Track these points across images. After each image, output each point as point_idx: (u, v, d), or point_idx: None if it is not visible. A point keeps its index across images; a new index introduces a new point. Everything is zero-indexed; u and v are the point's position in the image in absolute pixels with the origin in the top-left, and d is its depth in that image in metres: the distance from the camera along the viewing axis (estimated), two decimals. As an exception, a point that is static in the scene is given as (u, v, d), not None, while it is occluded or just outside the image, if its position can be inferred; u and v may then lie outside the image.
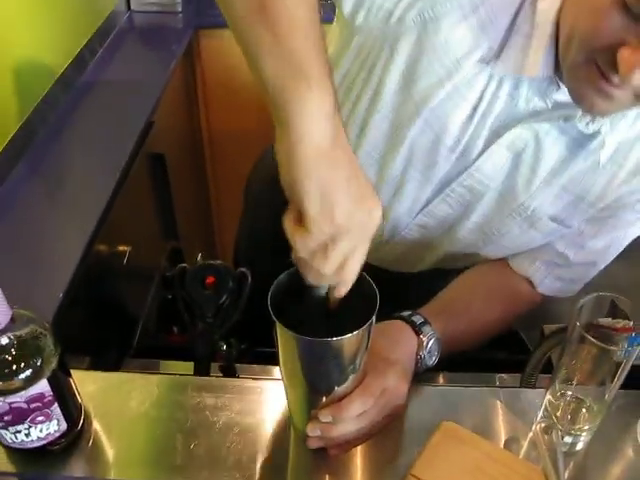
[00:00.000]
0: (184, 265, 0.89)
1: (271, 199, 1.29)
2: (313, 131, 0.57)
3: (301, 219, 0.59)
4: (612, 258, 0.99)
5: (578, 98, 0.77)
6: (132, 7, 1.93)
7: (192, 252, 1.99)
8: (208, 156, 2.21)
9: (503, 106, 0.84)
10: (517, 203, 0.92)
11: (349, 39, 0.88)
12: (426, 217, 0.99)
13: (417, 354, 0.86)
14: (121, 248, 1.32)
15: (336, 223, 0.58)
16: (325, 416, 0.73)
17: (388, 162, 0.92)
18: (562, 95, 0.81)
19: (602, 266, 1.00)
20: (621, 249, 0.98)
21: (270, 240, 1.34)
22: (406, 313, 0.90)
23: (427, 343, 0.86)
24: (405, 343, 0.86)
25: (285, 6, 0.56)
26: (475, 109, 0.84)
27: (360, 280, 0.68)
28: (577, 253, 0.97)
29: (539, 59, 0.78)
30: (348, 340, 0.65)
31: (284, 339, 0.67)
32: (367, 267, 0.66)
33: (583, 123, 0.82)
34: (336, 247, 0.60)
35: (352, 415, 0.74)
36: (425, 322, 0.88)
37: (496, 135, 0.86)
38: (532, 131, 0.85)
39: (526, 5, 0.78)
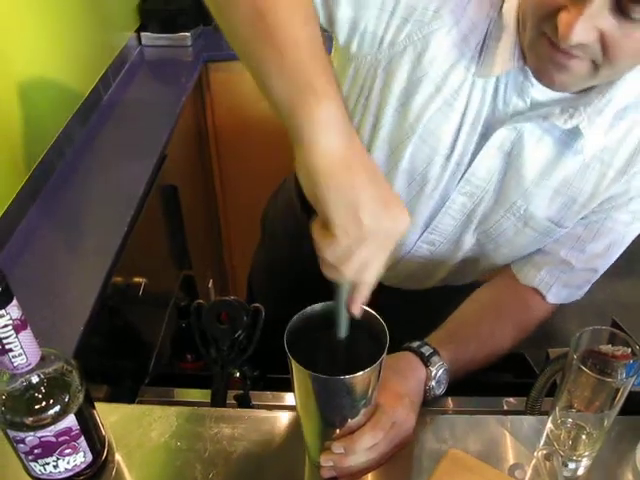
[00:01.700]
0: (200, 301, 0.93)
1: (287, 231, 1.34)
2: (326, 141, 0.60)
3: (327, 225, 0.62)
4: (613, 259, 1.01)
5: (539, 74, 0.81)
6: (143, 42, 1.99)
7: (204, 279, 2.04)
8: (218, 186, 2.26)
9: (487, 110, 0.88)
10: (510, 203, 0.95)
11: (346, 67, 0.93)
12: (432, 234, 1.02)
13: (426, 385, 0.90)
14: (137, 280, 1.36)
15: (362, 226, 0.61)
16: (337, 448, 0.77)
17: (390, 182, 0.95)
18: (539, 93, 0.85)
19: (605, 268, 1.01)
20: (621, 250, 1.00)
21: (286, 271, 1.39)
22: (415, 344, 0.93)
23: (436, 374, 0.90)
24: (414, 376, 0.89)
25: (289, 27, 0.61)
26: (463, 116, 0.88)
27: (370, 318, 0.72)
28: (579, 258, 0.99)
29: (508, 55, 0.82)
30: (360, 377, 0.69)
31: (299, 376, 0.71)
32: (377, 286, 0.69)
33: (561, 120, 0.85)
34: (361, 250, 0.62)
35: (363, 447, 0.77)
36: (434, 352, 0.91)
37: (485, 138, 0.89)
38: (516, 132, 0.88)
39: (497, 11, 0.84)
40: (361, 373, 0.68)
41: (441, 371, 0.90)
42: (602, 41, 0.71)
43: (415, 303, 1.17)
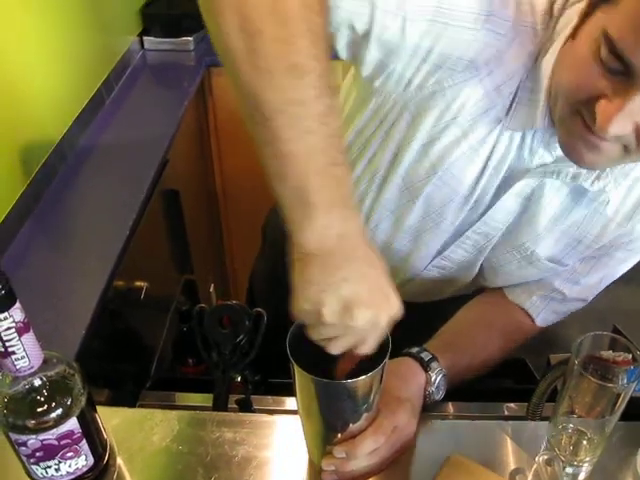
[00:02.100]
0: (202, 305, 0.93)
1: (288, 239, 1.34)
2: (308, 243, 0.62)
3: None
4: (600, 290, 1.03)
5: (568, 150, 0.79)
6: (145, 46, 1.99)
7: (205, 284, 2.04)
8: (220, 190, 2.26)
9: (512, 157, 0.87)
10: (519, 243, 0.96)
11: (366, 99, 0.91)
12: (444, 261, 1.03)
13: (425, 390, 0.90)
14: (138, 284, 1.36)
15: (321, 321, 0.63)
16: (339, 452, 0.77)
17: (404, 214, 0.96)
18: None
19: (591, 298, 1.04)
20: (618, 275, 1.02)
21: (286, 279, 1.39)
22: (415, 349, 0.94)
23: (435, 379, 0.91)
24: (415, 381, 0.90)
25: (290, 140, 0.60)
26: (487, 163, 0.88)
27: None
28: (572, 289, 1.01)
29: (539, 113, 0.81)
30: (362, 382, 0.69)
31: (301, 380, 0.71)
32: None
33: (589, 182, 0.85)
34: (345, 339, 0.66)
35: (364, 452, 0.78)
36: (433, 358, 0.92)
37: (506, 184, 0.89)
38: (539, 180, 0.88)
39: (533, 61, 0.82)
40: (363, 377, 0.68)
41: (440, 377, 0.91)
42: (637, 131, 0.70)
43: (411, 311, 1.18)
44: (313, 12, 0.61)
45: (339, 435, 0.77)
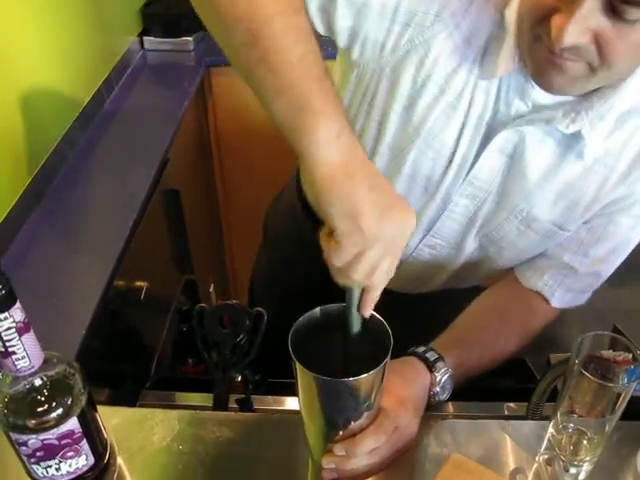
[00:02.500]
0: (202, 305, 0.93)
1: (289, 234, 1.35)
2: (326, 156, 0.63)
3: (332, 233, 0.65)
4: (618, 264, 1.01)
5: (537, 78, 0.80)
6: (145, 46, 1.99)
7: (206, 283, 2.04)
8: (220, 190, 2.26)
9: (490, 112, 0.88)
10: (512, 205, 0.95)
11: (348, 73, 0.93)
12: (434, 237, 1.03)
13: (430, 390, 0.90)
14: (139, 283, 1.36)
15: (365, 234, 0.63)
16: (339, 450, 0.77)
17: (394, 185, 0.96)
18: (541, 96, 0.85)
19: (609, 272, 1.02)
20: (625, 254, 1.00)
21: (287, 274, 1.40)
22: (420, 349, 0.93)
23: (440, 380, 0.90)
24: (418, 381, 0.89)
25: (283, 50, 0.62)
26: (466, 119, 0.88)
27: (374, 321, 0.72)
28: (582, 262, 0.99)
29: (509, 56, 0.82)
30: (364, 380, 0.69)
31: (303, 378, 0.72)
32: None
33: (563, 125, 0.85)
34: (367, 256, 0.65)
35: (365, 451, 0.78)
36: (439, 358, 0.91)
37: (487, 140, 0.89)
38: (518, 134, 0.88)
39: (500, 13, 0.83)
40: (365, 375, 0.69)
41: (446, 377, 0.90)
42: (597, 42, 0.71)
43: (418, 307, 1.17)
44: None
45: (340, 433, 0.77)
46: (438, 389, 0.90)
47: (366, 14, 0.82)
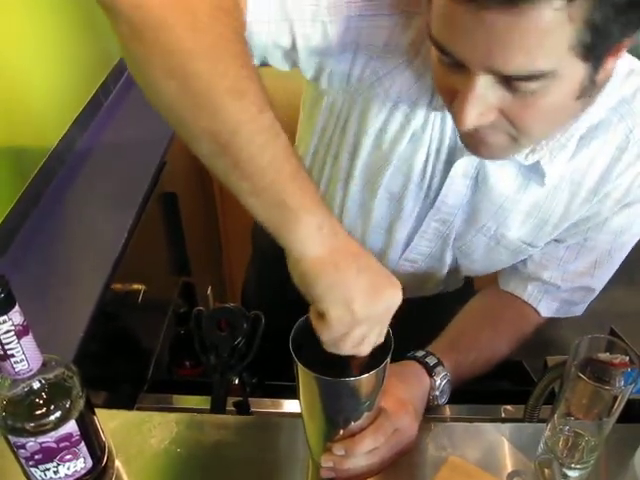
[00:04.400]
0: (200, 308, 0.93)
1: (275, 245, 1.34)
2: (311, 250, 0.63)
3: (322, 315, 0.66)
4: (608, 275, 1.00)
5: (466, 146, 0.81)
6: (143, 49, 1.99)
7: (203, 286, 2.04)
8: (218, 193, 2.26)
9: (450, 139, 0.89)
10: (481, 224, 0.96)
11: (319, 99, 0.94)
12: (412, 254, 1.04)
13: (430, 394, 0.90)
14: (136, 286, 1.36)
15: (357, 317, 0.65)
16: (338, 449, 0.78)
17: (371, 209, 0.98)
18: None
19: (600, 284, 1.01)
20: (613, 266, 0.99)
21: (277, 284, 1.39)
22: (420, 353, 0.94)
23: (440, 384, 0.91)
24: (419, 385, 0.90)
25: (251, 157, 0.61)
26: (429, 147, 0.90)
27: None
28: (563, 279, 0.99)
29: None
30: (364, 380, 0.70)
31: (304, 378, 0.72)
32: None
33: (522, 156, 0.85)
34: (356, 333, 0.67)
35: (363, 451, 0.78)
36: (438, 363, 0.92)
37: (449, 166, 0.90)
38: (478, 159, 0.88)
39: None
40: (365, 376, 0.69)
41: (445, 381, 0.91)
42: (505, 116, 0.70)
43: (410, 308, 1.18)
44: (232, 42, 0.61)
45: (340, 433, 0.77)
46: (437, 393, 0.91)
47: (330, 54, 0.83)
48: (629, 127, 0.85)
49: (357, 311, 0.64)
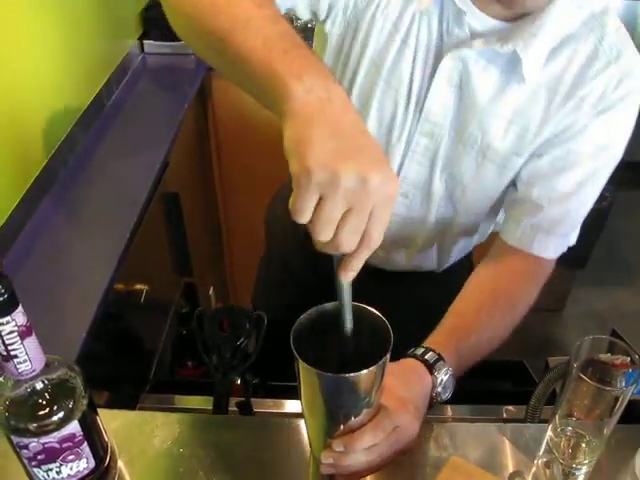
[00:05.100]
0: (202, 308, 0.94)
1: (284, 236, 1.35)
2: (294, 111, 0.62)
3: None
4: (591, 199, 1.02)
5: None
6: (146, 50, 2.00)
7: (205, 286, 2.05)
8: (220, 193, 2.26)
9: (435, 44, 0.94)
10: (467, 135, 0.99)
11: (325, 44, 1.02)
12: (404, 183, 1.07)
13: (432, 391, 0.89)
14: (138, 287, 1.37)
15: (312, 178, 0.58)
16: (338, 445, 0.77)
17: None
18: (477, 23, 0.92)
19: (584, 209, 1.03)
20: (597, 187, 1.01)
21: (286, 277, 1.40)
22: (419, 351, 0.92)
23: (442, 380, 0.89)
24: (420, 383, 0.89)
25: (247, 38, 0.68)
26: (416, 53, 0.95)
27: (373, 318, 0.73)
28: (551, 198, 1.00)
29: None
30: (364, 376, 0.70)
31: (305, 374, 0.72)
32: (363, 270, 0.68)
33: (498, 45, 0.90)
34: (324, 208, 0.60)
35: (362, 447, 0.78)
36: (438, 359, 0.90)
37: (433, 70, 0.95)
38: (461, 63, 0.93)
39: None
40: (365, 372, 0.69)
41: (447, 376, 0.90)
42: None
43: (404, 290, 1.21)
44: None
45: (340, 428, 0.77)
46: (440, 389, 0.90)
47: None
48: (598, 38, 0.92)
49: (313, 171, 0.58)
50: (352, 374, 0.70)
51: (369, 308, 0.74)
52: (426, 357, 0.91)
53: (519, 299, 1.03)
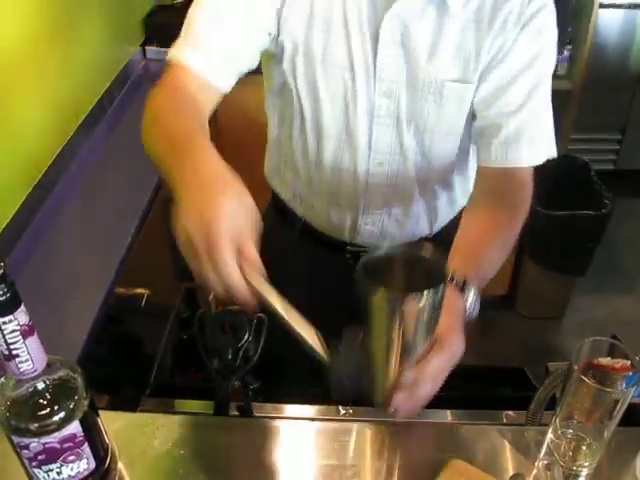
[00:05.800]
0: (203, 310, 0.94)
1: (282, 240, 1.36)
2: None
3: None
4: (546, 101, 1.09)
5: None
6: (147, 56, 2.01)
7: (206, 292, 2.04)
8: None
9: (366, 13, 1.02)
10: (421, 82, 1.06)
11: (271, 77, 1.15)
12: (377, 153, 1.13)
13: (465, 310, 0.92)
14: (139, 291, 1.37)
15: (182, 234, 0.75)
16: (409, 377, 0.78)
17: (319, 116, 1.11)
18: None
19: (544, 111, 1.10)
20: (547, 87, 1.09)
21: (285, 280, 1.40)
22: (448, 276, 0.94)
23: (471, 300, 0.93)
24: (455, 305, 0.90)
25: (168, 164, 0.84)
26: (347, 28, 1.03)
27: (427, 260, 0.76)
28: (509, 113, 1.07)
29: None
30: (440, 292, 0.72)
31: (378, 304, 0.73)
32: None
33: None
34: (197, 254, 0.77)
35: (433, 373, 0.80)
36: (465, 281, 0.93)
37: (373, 35, 1.03)
38: (400, 23, 1.01)
39: None
40: (442, 286, 0.71)
41: (472, 293, 0.93)
42: None
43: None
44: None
45: (411, 359, 0.78)
46: (470, 309, 0.93)
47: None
48: None
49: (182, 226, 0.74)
50: (434, 288, 0.71)
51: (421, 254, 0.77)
52: (455, 280, 0.93)
53: (515, 204, 1.09)
